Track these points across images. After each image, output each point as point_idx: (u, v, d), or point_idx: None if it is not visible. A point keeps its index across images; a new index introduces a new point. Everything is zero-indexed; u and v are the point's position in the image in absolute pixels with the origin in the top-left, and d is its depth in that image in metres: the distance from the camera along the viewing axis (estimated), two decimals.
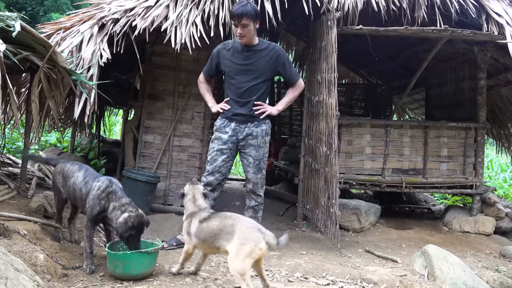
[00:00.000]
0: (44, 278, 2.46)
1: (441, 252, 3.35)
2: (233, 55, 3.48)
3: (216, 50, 3.59)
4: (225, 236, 2.48)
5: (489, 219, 4.87)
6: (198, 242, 2.66)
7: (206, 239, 2.60)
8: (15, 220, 3.06)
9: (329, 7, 4.19)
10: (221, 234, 2.50)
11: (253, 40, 3.43)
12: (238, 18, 3.25)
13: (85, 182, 2.92)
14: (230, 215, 2.62)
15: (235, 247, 2.40)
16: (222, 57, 3.53)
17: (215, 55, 3.58)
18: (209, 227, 2.58)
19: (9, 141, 6.34)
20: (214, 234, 2.54)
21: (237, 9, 3.27)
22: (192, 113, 4.85)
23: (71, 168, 3.09)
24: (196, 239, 2.65)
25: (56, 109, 3.59)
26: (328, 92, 4.10)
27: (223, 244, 2.49)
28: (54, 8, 14.84)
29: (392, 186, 5.01)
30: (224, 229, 2.51)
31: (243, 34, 3.33)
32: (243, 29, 3.29)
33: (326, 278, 3.05)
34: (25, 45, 3.19)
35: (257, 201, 3.56)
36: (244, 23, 3.27)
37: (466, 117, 5.48)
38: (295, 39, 8.44)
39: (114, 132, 10.46)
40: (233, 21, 3.36)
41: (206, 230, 2.59)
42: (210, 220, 2.61)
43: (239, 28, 3.30)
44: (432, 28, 4.31)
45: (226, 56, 3.51)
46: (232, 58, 3.48)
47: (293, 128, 8.71)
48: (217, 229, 2.54)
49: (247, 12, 3.25)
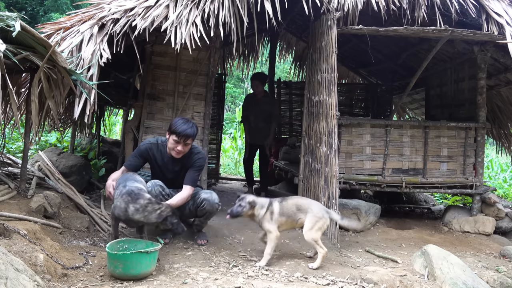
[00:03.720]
0: (44, 278, 2.46)
1: (441, 252, 3.35)
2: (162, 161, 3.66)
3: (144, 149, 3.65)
4: (302, 213, 3.34)
5: (489, 219, 4.87)
6: (281, 219, 3.32)
7: (289, 215, 3.35)
8: (15, 220, 3.07)
9: (329, 7, 4.19)
10: (299, 212, 3.35)
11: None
12: (185, 138, 3.45)
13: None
14: (301, 197, 3.80)
15: (310, 222, 3.28)
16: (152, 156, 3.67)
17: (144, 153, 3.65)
18: (289, 206, 3.37)
19: (9, 141, 6.34)
20: (293, 212, 3.36)
21: (186, 130, 3.42)
22: (192, 113, 4.85)
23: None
24: (279, 217, 3.31)
25: (56, 109, 3.58)
26: (328, 92, 4.10)
27: (301, 217, 3.34)
28: (54, 8, 14.85)
29: (392, 186, 5.01)
30: (300, 208, 3.35)
31: (182, 152, 3.50)
32: (184, 147, 3.49)
33: (326, 278, 3.05)
34: (25, 45, 3.18)
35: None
36: (188, 143, 3.49)
37: (466, 117, 5.49)
38: (295, 39, 8.44)
39: (114, 132, 10.46)
40: (177, 138, 3.44)
41: (286, 207, 3.36)
42: (286, 201, 3.41)
43: (180, 145, 3.46)
44: (432, 28, 4.31)
45: (157, 158, 3.66)
46: (162, 165, 3.67)
47: (293, 128, 8.71)
48: (295, 208, 3.36)
49: (194, 134, 3.50)
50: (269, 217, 3.29)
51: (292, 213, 3.35)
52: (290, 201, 3.42)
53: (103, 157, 6.29)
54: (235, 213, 3.31)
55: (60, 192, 4.15)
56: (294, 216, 3.35)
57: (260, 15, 4.07)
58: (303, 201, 3.47)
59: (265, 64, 8.92)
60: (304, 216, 3.32)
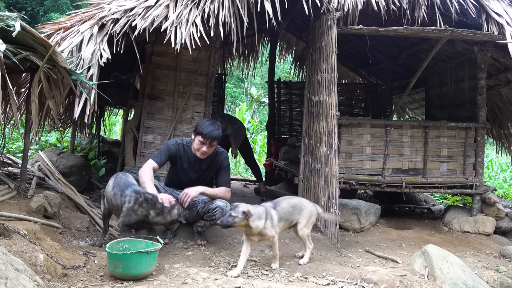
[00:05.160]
0: (44, 278, 2.46)
1: (441, 252, 3.34)
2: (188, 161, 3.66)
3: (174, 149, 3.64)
4: (297, 212, 3.33)
5: (489, 219, 4.87)
6: (280, 224, 3.22)
7: (286, 218, 3.29)
8: (15, 220, 3.07)
9: (329, 7, 4.19)
10: (295, 212, 3.33)
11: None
12: (211, 140, 3.47)
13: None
14: (289, 197, 3.65)
15: (305, 219, 3.33)
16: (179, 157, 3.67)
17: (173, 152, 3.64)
18: (284, 209, 3.31)
19: (9, 141, 6.34)
20: (290, 213, 3.32)
21: (212, 132, 3.45)
22: (192, 113, 4.85)
23: None
24: (279, 223, 3.21)
25: (56, 109, 3.58)
26: (328, 92, 4.10)
27: (296, 217, 3.33)
28: (54, 8, 14.84)
29: (392, 186, 5.01)
30: (295, 207, 3.35)
31: (207, 153, 3.53)
32: (210, 148, 3.52)
33: (326, 278, 3.05)
34: (25, 45, 3.19)
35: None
36: (214, 144, 3.52)
37: (466, 117, 5.49)
38: (295, 39, 8.44)
39: (114, 132, 10.46)
40: (202, 140, 3.46)
41: (282, 211, 3.28)
42: (280, 205, 3.32)
43: (205, 147, 3.48)
44: (432, 28, 4.31)
45: (183, 159, 3.66)
46: (187, 165, 3.67)
47: (293, 128, 8.71)
48: (291, 209, 3.34)
49: (219, 136, 3.52)
50: (270, 224, 3.17)
51: (288, 215, 3.32)
52: (283, 203, 3.35)
53: (103, 157, 6.30)
54: (225, 223, 3.02)
55: (60, 192, 4.15)
56: (290, 217, 3.33)
57: (260, 15, 4.07)
58: (294, 201, 3.45)
59: (265, 64, 8.92)
60: (299, 215, 3.33)
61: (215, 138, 3.48)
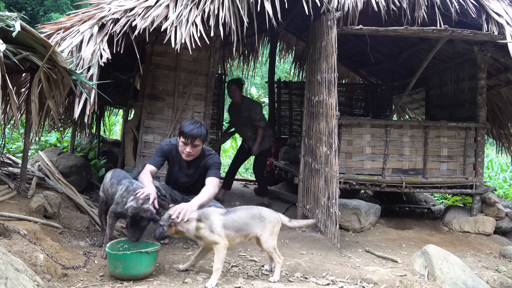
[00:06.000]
0: (44, 278, 2.46)
1: (441, 252, 3.35)
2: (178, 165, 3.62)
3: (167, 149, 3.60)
4: (257, 224, 2.92)
5: (489, 219, 4.87)
6: (225, 231, 2.82)
7: (239, 228, 2.89)
8: (15, 220, 3.07)
9: (329, 7, 4.19)
10: (252, 222, 2.92)
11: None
12: (192, 139, 3.35)
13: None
14: (251, 206, 3.11)
15: (268, 230, 2.92)
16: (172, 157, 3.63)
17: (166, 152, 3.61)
18: (238, 217, 2.92)
19: (9, 141, 6.34)
20: (245, 222, 2.91)
21: (192, 130, 3.34)
22: (192, 113, 4.85)
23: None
24: (224, 229, 2.83)
25: (56, 109, 3.58)
26: (328, 92, 4.10)
27: (255, 231, 2.91)
28: (54, 8, 14.84)
29: (392, 186, 5.01)
30: (254, 217, 2.94)
31: (192, 154, 3.42)
32: (193, 149, 3.40)
33: (326, 278, 3.05)
34: (25, 45, 3.19)
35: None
36: (196, 144, 3.39)
37: (466, 117, 5.49)
38: (295, 39, 8.43)
39: (114, 132, 10.46)
40: (184, 139, 3.38)
41: (233, 219, 2.89)
42: (235, 212, 2.95)
43: (189, 147, 3.38)
44: (432, 28, 4.31)
45: (175, 160, 3.62)
46: (178, 168, 3.63)
47: (293, 128, 8.71)
48: (248, 219, 2.93)
49: (201, 135, 3.38)
50: (207, 227, 2.81)
51: (244, 225, 2.91)
52: (240, 212, 2.97)
53: (103, 157, 6.29)
54: (158, 236, 2.84)
55: (60, 192, 4.15)
56: (247, 228, 2.92)
57: (260, 15, 4.07)
58: (253, 211, 3.00)
59: (265, 64, 8.91)
60: (258, 228, 2.92)
61: (196, 137, 3.35)
